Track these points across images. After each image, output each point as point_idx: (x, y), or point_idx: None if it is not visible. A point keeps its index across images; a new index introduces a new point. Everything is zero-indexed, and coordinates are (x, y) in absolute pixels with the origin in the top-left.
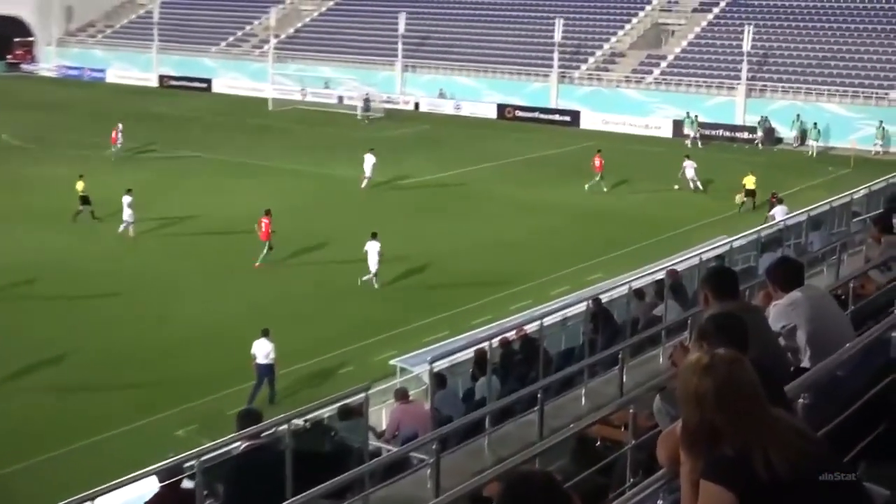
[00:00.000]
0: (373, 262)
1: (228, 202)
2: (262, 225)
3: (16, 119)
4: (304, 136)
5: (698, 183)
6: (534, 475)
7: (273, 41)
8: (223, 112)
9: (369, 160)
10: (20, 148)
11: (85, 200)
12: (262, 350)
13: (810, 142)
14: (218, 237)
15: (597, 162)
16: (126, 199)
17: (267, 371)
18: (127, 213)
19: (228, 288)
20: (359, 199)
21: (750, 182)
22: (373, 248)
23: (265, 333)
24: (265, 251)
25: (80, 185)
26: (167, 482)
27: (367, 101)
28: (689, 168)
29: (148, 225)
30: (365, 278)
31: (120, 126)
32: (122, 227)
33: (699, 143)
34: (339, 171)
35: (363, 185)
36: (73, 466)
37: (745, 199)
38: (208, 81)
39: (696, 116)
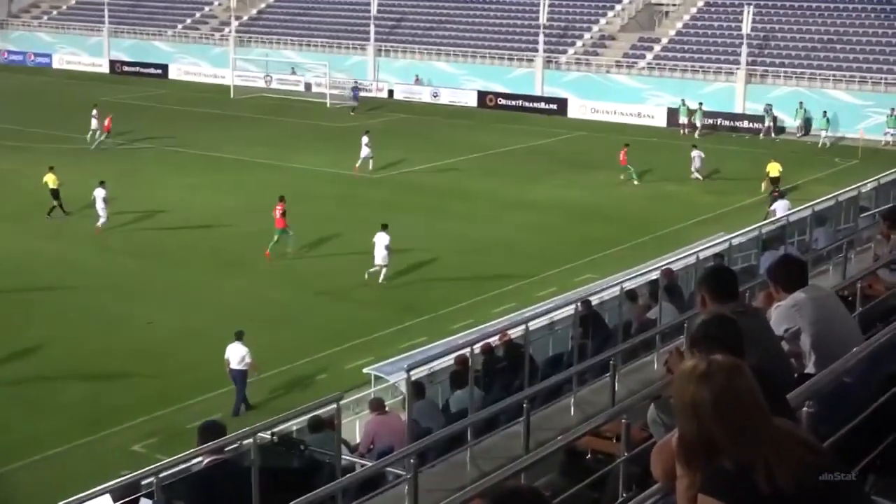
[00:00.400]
0: (379, 256)
1: (197, 197)
2: (279, 212)
3: None
4: (273, 126)
5: (701, 173)
6: (521, 491)
7: (234, 23)
8: (182, 100)
9: (364, 141)
10: None
11: (55, 194)
12: (237, 354)
13: (820, 131)
14: (185, 234)
15: (621, 156)
16: (100, 193)
17: (238, 377)
18: (100, 207)
19: (200, 289)
20: (333, 195)
21: (774, 169)
22: (380, 241)
23: (239, 337)
24: (289, 237)
25: (50, 178)
26: (122, 501)
27: (355, 89)
28: (697, 158)
29: (114, 220)
30: (371, 271)
31: (95, 113)
32: (100, 223)
33: (696, 134)
34: (307, 163)
35: (370, 166)
36: (10, 488)
37: (771, 187)
38: (164, 67)
39: (700, 105)
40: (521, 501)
